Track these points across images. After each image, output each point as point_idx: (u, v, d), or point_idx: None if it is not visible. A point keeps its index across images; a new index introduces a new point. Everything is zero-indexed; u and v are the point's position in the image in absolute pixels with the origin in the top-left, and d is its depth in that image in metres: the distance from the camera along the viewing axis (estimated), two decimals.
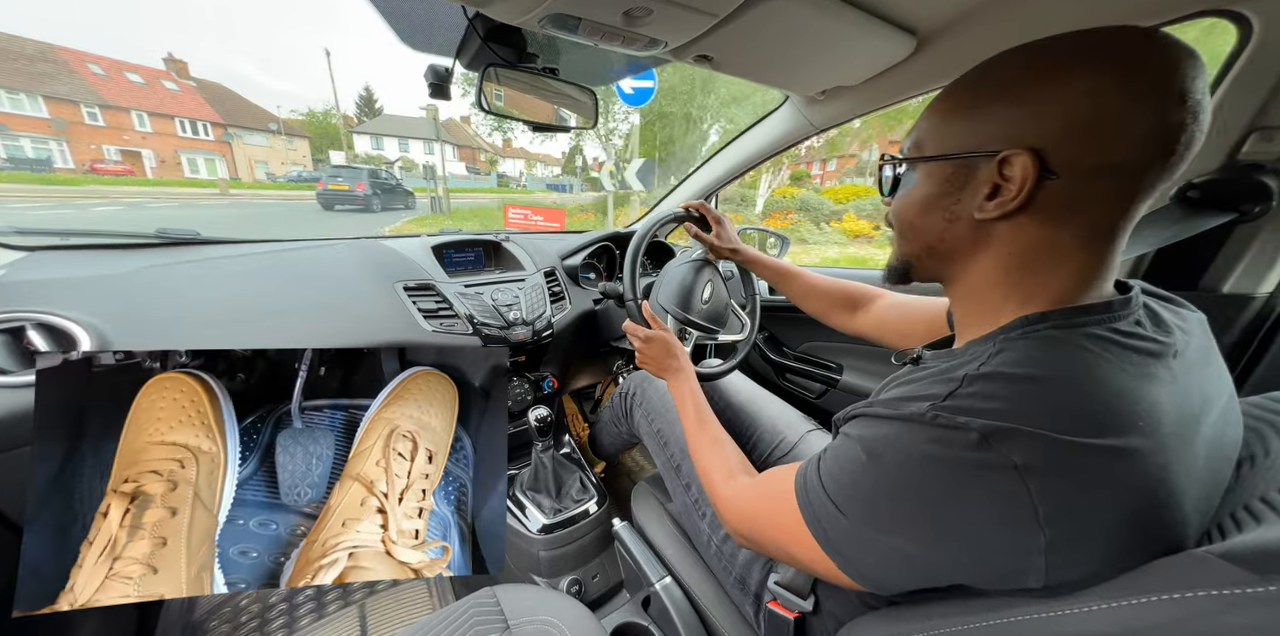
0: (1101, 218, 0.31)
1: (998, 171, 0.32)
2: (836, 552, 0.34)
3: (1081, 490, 0.27)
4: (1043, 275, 0.33)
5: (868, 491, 0.32)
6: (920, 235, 0.38)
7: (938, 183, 0.36)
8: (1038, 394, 0.29)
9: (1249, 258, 0.64)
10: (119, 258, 0.80)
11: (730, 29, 0.61)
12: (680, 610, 0.68)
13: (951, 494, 0.29)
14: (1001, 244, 0.34)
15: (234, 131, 31.03)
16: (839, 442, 0.37)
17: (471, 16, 0.66)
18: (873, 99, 0.87)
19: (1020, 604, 0.29)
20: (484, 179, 42.33)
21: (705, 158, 1.28)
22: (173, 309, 0.70)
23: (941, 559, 0.30)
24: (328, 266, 0.89)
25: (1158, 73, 0.28)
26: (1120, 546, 0.28)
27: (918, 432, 0.31)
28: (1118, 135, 0.28)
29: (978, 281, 0.37)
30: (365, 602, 0.91)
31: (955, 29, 0.67)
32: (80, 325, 0.60)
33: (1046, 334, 0.32)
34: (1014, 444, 0.27)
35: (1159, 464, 0.28)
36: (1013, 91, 0.32)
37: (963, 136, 0.34)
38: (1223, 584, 0.23)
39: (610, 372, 1.43)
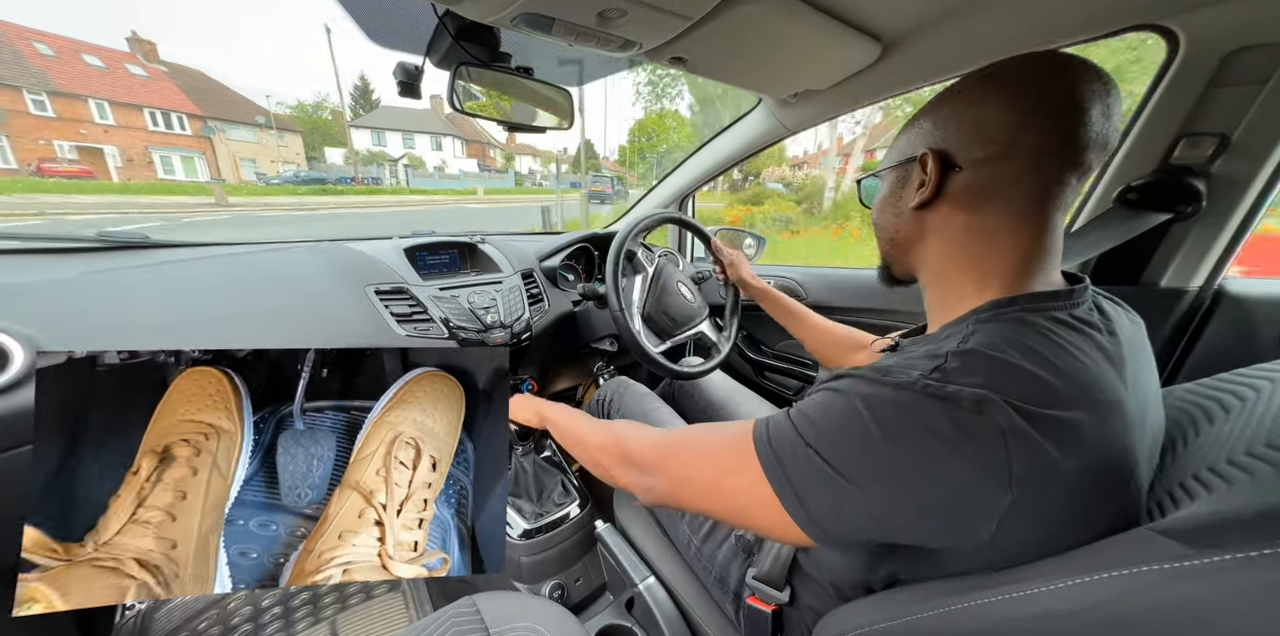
0: (1014, 200, 0.37)
1: (921, 170, 0.40)
2: (792, 495, 0.33)
3: (1049, 456, 0.29)
4: (984, 254, 0.39)
5: (852, 437, 0.32)
6: (882, 230, 0.47)
7: (888, 185, 0.45)
8: (1011, 370, 0.31)
9: (1182, 254, 0.70)
10: (56, 262, 0.75)
11: (703, 32, 0.62)
12: (664, 610, 0.68)
13: (937, 449, 0.30)
14: (937, 229, 0.41)
15: (214, 124, 26.70)
16: (821, 395, 0.36)
17: (442, 14, 0.65)
18: (842, 103, 0.90)
19: (988, 586, 0.31)
20: (500, 177, 39.20)
21: (679, 161, 1.29)
22: (118, 315, 0.66)
23: (907, 511, 0.31)
24: (289, 270, 0.85)
25: (1028, 82, 0.35)
26: (1076, 512, 0.30)
27: (909, 397, 0.32)
28: (998, 132, 0.36)
29: (935, 265, 0.43)
30: (336, 619, 0.88)
31: (917, 36, 0.70)
32: (9, 334, 0.55)
33: (1016, 316, 0.35)
34: (997, 409, 0.29)
35: (1118, 437, 0.31)
36: (931, 110, 0.41)
37: (903, 149, 0.43)
38: (1164, 558, 0.24)
39: (590, 374, 1.43)
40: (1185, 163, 0.65)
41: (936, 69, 0.75)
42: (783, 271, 1.29)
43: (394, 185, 30.21)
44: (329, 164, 33.44)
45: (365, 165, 32.77)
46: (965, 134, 0.38)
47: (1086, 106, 0.34)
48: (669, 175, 1.31)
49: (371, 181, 29.56)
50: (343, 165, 33.24)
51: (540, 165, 54.62)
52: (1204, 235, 0.68)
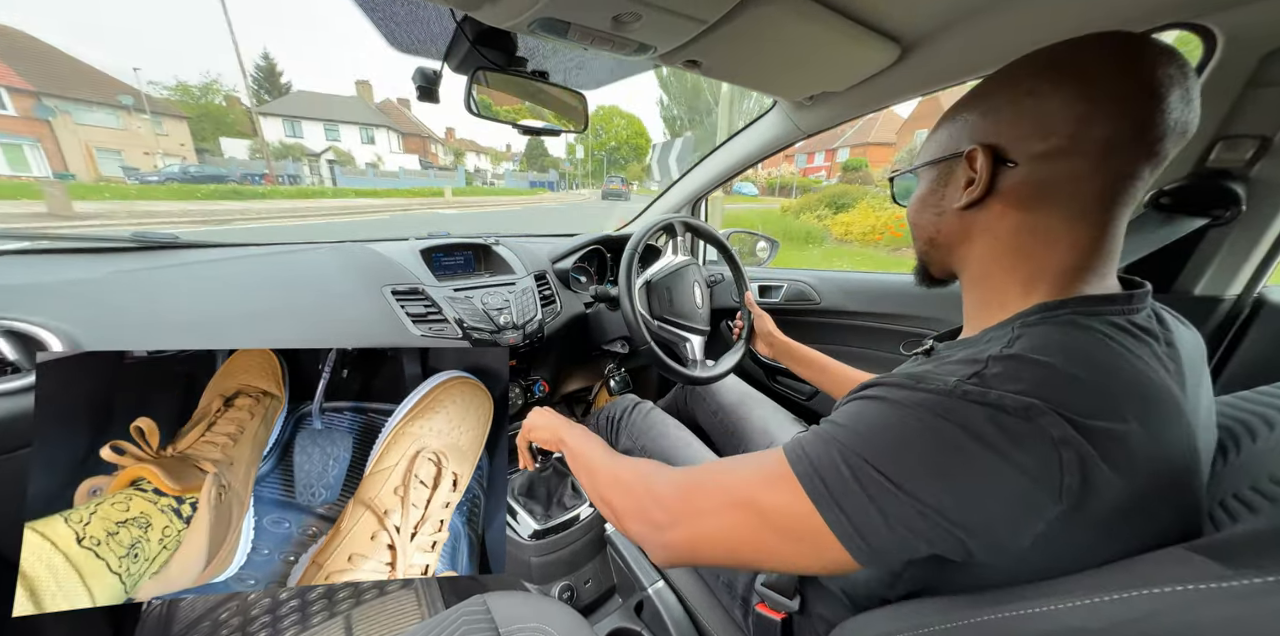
0: (1076, 197, 0.34)
1: (969, 167, 0.37)
2: (836, 509, 0.30)
3: (1101, 470, 0.27)
4: (1036, 256, 0.36)
5: (894, 440, 0.30)
6: (920, 231, 0.44)
7: (926, 183, 0.42)
8: (1060, 377, 0.29)
9: (1218, 261, 0.67)
10: (92, 261, 0.78)
11: (718, 35, 0.62)
12: (673, 615, 0.68)
13: (983, 456, 0.28)
14: (986, 230, 0.38)
15: (54, 104, 20.04)
16: (853, 405, 0.34)
17: (460, 19, 0.66)
18: (859, 105, 0.89)
19: (1011, 600, 0.30)
20: (447, 175, 33.09)
21: (694, 162, 1.29)
22: (148, 313, 0.68)
23: (953, 518, 0.28)
24: (310, 270, 0.88)
25: (1092, 67, 0.32)
26: (1121, 528, 0.29)
27: (947, 403, 0.30)
28: (1061, 123, 0.32)
29: (978, 268, 0.40)
30: (351, 613, 0.89)
31: (938, 38, 0.68)
32: (49, 330, 0.58)
33: (1067, 320, 0.33)
34: (1048, 417, 0.27)
35: (1176, 450, 0.30)
36: (977, 100, 0.38)
37: (944, 143, 0.40)
38: (1198, 578, 0.23)
39: (602, 376, 1.43)
40: (1222, 166, 0.63)
41: (958, 70, 0.73)
42: (797, 275, 1.28)
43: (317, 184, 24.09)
44: (227, 158, 26.86)
45: (278, 160, 25.89)
46: (1022, 126, 0.34)
47: (1165, 92, 0.31)
48: (682, 178, 1.31)
49: (288, 180, 23.50)
50: (247, 160, 27.01)
51: (488, 163, 50.54)
52: (1242, 241, 0.65)
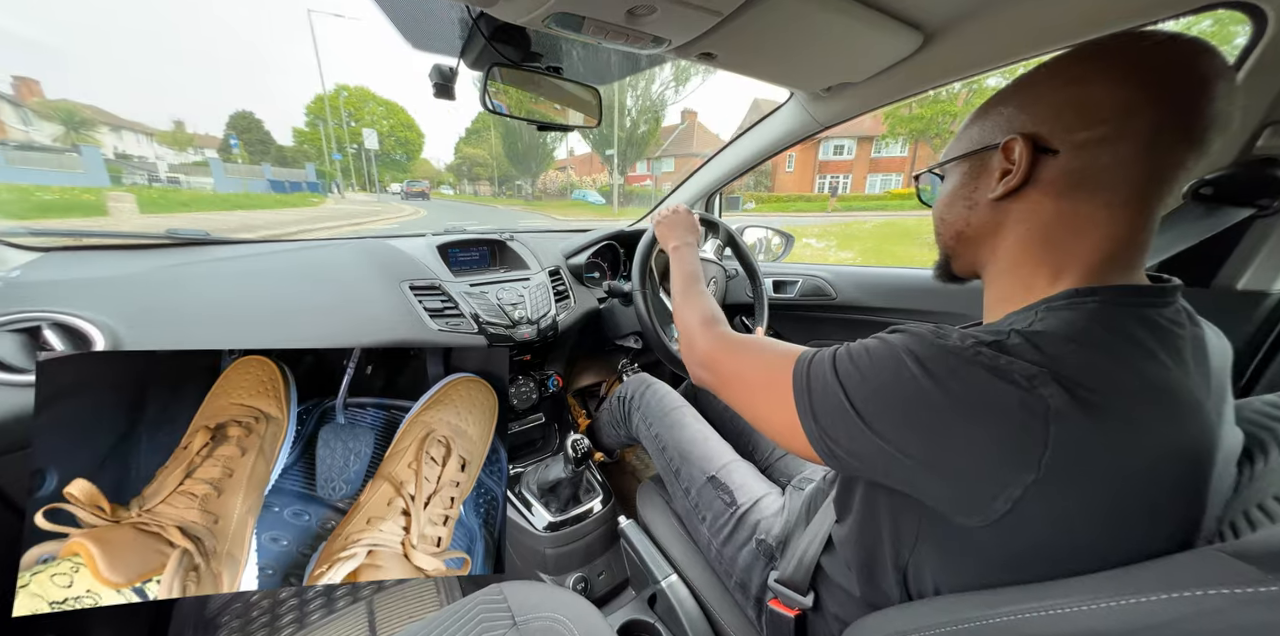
0: (1118, 185, 0.33)
1: (1004, 158, 0.37)
2: (813, 421, 0.36)
3: (1096, 447, 0.27)
4: (1068, 246, 0.35)
5: (883, 385, 0.33)
6: (949, 225, 0.43)
7: (957, 177, 0.42)
8: (1082, 356, 0.29)
9: (1264, 254, 0.63)
10: (130, 258, 0.81)
11: (734, 26, 0.61)
12: (686, 609, 0.69)
13: (971, 417, 0.29)
14: (1020, 221, 0.37)
15: None
16: (872, 341, 0.37)
17: (476, 16, 0.66)
18: (879, 95, 0.86)
19: (1023, 599, 0.29)
20: (60, 160, 17.28)
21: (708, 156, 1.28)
22: (184, 309, 0.71)
23: (921, 469, 0.31)
24: (335, 266, 0.90)
25: (1141, 56, 0.32)
26: (1120, 522, 0.29)
27: (958, 359, 0.31)
28: (1106, 110, 0.32)
29: (1007, 259, 0.39)
30: (374, 599, 0.92)
31: (963, 25, 0.66)
32: (94, 325, 0.61)
33: (1094, 307, 0.32)
34: (1053, 388, 0.28)
35: (1191, 445, 0.29)
36: (1014, 94, 0.38)
37: (976, 138, 0.40)
38: (1236, 582, 0.22)
39: (615, 371, 1.44)
40: (1269, 153, 0.59)
41: (984, 58, 0.70)
42: (812, 270, 1.26)
43: None
44: None
45: None
46: (1065, 115, 0.34)
47: (1212, 81, 0.31)
48: (696, 172, 1.30)
49: None
50: None
51: (156, 146, 32.07)
52: None
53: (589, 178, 32.43)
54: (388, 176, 41.15)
